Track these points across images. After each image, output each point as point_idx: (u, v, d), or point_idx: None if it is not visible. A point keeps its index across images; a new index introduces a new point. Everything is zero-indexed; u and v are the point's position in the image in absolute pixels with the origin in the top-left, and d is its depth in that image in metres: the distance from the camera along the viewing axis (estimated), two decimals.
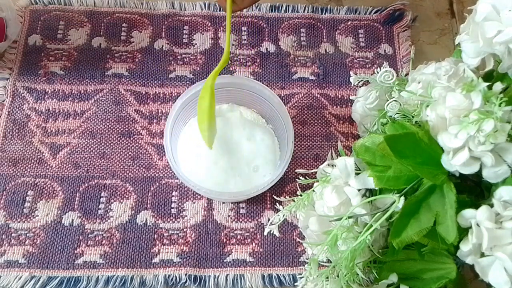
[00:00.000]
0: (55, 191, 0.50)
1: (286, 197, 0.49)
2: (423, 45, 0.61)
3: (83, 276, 0.47)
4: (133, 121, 0.54)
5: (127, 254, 0.48)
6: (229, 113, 0.53)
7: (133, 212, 0.50)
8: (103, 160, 0.52)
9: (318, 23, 0.62)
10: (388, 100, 0.42)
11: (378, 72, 0.43)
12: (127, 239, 0.49)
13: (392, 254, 0.40)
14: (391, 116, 0.43)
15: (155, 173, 0.52)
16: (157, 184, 0.51)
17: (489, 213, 0.34)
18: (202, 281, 0.47)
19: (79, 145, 0.53)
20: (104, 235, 0.49)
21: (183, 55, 0.58)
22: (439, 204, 0.37)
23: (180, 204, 0.51)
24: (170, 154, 0.45)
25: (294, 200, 0.44)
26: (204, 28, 0.60)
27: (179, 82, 0.57)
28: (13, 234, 0.48)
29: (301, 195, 0.44)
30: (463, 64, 0.39)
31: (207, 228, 0.50)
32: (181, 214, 0.50)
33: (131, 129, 0.54)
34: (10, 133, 0.53)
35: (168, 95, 0.56)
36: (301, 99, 0.57)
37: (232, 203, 0.51)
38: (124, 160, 0.52)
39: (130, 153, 0.53)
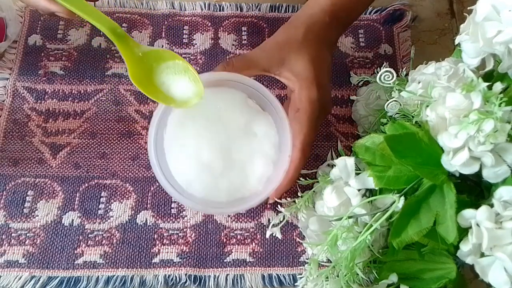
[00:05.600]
0: (55, 191, 0.50)
1: (287, 197, 0.49)
2: (423, 45, 0.61)
3: (83, 276, 0.47)
4: (133, 121, 0.54)
5: (127, 254, 0.48)
6: (230, 94, 0.47)
7: (133, 212, 0.50)
8: (103, 160, 0.52)
9: None
10: (388, 100, 0.42)
11: (378, 72, 0.43)
12: (127, 239, 0.49)
13: (392, 254, 0.40)
14: (391, 116, 0.43)
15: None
16: (157, 184, 0.51)
17: (489, 213, 0.34)
18: (202, 281, 0.47)
19: (79, 145, 0.53)
20: (104, 235, 0.49)
21: (183, 55, 0.58)
22: (439, 204, 0.37)
23: (180, 204, 0.51)
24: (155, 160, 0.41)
25: (294, 201, 0.44)
26: (204, 28, 0.60)
27: None
28: (13, 234, 0.48)
29: (301, 196, 0.44)
30: (463, 64, 0.39)
31: (207, 228, 0.50)
32: (181, 214, 0.50)
33: (131, 129, 0.54)
34: (10, 133, 0.53)
35: None
36: None
37: None
38: (124, 160, 0.52)
39: (130, 153, 0.53)
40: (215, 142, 0.44)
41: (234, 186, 0.44)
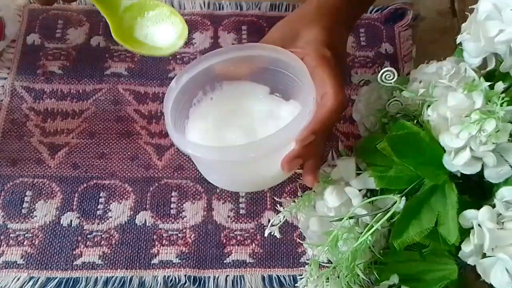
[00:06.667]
0: (53, 192, 0.50)
1: (287, 197, 0.49)
2: (424, 44, 0.61)
3: (81, 277, 0.46)
4: (132, 120, 0.54)
5: (126, 255, 0.48)
6: (251, 88, 0.46)
7: (132, 212, 0.50)
8: (102, 160, 0.52)
9: None
10: (389, 100, 0.42)
11: (379, 72, 0.43)
12: (126, 240, 0.48)
13: (393, 255, 0.40)
14: (392, 116, 0.43)
15: (154, 173, 0.52)
16: (156, 184, 0.51)
17: (490, 214, 0.34)
18: (202, 282, 0.47)
19: (78, 145, 0.52)
20: (103, 235, 0.48)
21: (183, 54, 0.58)
22: (440, 204, 0.37)
23: (179, 204, 0.50)
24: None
25: (294, 201, 0.43)
26: (204, 27, 0.60)
27: None
28: (11, 235, 0.48)
29: (301, 196, 0.44)
30: (464, 64, 0.39)
31: (206, 228, 0.49)
32: (180, 214, 0.50)
33: (130, 129, 0.54)
34: (9, 133, 0.52)
35: None
36: None
37: (231, 202, 0.51)
38: (123, 160, 0.52)
39: (129, 153, 0.53)
40: (239, 125, 0.43)
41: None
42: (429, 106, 0.38)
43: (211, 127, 0.43)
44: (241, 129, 0.42)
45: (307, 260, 0.48)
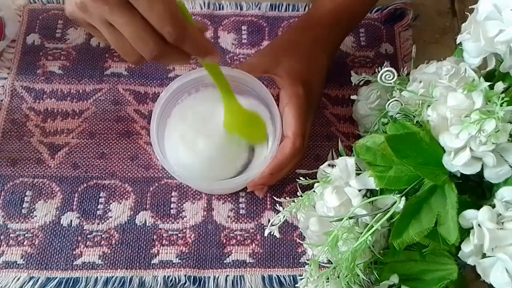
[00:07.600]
0: (53, 192, 0.50)
1: (286, 197, 0.48)
2: (424, 44, 0.61)
3: (81, 277, 0.46)
4: (132, 120, 0.54)
5: (126, 255, 0.48)
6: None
7: (132, 212, 0.50)
8: (102, 160, 0.52)
9: None
10: (389, 100, 0.42)
11: (379, 72, 0.43)
12: (126, 240, 0.48)
13: (393, 255, 0.40)
14: (392, 116, 0.43)
15: (154, 173, 0.52)
16: (156, 184, 0.51)
17: (490, 214, 0.34)
18: (202, 282, 0.47)
19: (78, 145, 0.52)
20: (103, 235, 0.48)
21: None
22: (440, 204, 0.36)
23: (179, 204, 0.50)
24: (157, 146, 0.45)
25: (294, 201, 0.43)
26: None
27: None
28: (11, 235, 0.48)
29: (301, 196, 0.44)
30: (464, 64, 0.39)
31: (206, 228, 0.49)
32: (180, 214, 0.50)
33: (130, 129, 0.54)
34: (9, 133, 0.52)
35: None
36: None
37: (231, 203, 0.51)
38: (123, 160, 0.52)
39: (129, 153, 0.53)
40: (211, 133, 0.47)
41: (225, 175, 0.47)
42: (429, 106, 0.38)
43: (186, 131, 0.47)
44: (211, 139, 0.47)
45: (307, 260, 0.48)
